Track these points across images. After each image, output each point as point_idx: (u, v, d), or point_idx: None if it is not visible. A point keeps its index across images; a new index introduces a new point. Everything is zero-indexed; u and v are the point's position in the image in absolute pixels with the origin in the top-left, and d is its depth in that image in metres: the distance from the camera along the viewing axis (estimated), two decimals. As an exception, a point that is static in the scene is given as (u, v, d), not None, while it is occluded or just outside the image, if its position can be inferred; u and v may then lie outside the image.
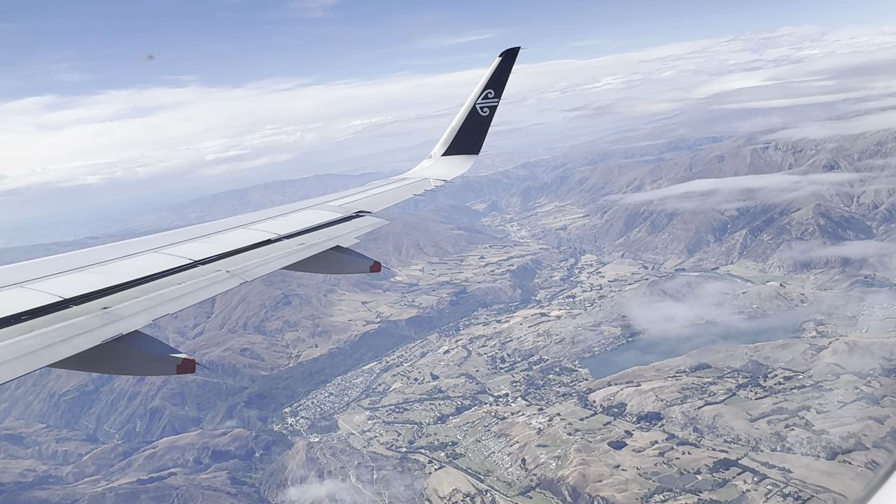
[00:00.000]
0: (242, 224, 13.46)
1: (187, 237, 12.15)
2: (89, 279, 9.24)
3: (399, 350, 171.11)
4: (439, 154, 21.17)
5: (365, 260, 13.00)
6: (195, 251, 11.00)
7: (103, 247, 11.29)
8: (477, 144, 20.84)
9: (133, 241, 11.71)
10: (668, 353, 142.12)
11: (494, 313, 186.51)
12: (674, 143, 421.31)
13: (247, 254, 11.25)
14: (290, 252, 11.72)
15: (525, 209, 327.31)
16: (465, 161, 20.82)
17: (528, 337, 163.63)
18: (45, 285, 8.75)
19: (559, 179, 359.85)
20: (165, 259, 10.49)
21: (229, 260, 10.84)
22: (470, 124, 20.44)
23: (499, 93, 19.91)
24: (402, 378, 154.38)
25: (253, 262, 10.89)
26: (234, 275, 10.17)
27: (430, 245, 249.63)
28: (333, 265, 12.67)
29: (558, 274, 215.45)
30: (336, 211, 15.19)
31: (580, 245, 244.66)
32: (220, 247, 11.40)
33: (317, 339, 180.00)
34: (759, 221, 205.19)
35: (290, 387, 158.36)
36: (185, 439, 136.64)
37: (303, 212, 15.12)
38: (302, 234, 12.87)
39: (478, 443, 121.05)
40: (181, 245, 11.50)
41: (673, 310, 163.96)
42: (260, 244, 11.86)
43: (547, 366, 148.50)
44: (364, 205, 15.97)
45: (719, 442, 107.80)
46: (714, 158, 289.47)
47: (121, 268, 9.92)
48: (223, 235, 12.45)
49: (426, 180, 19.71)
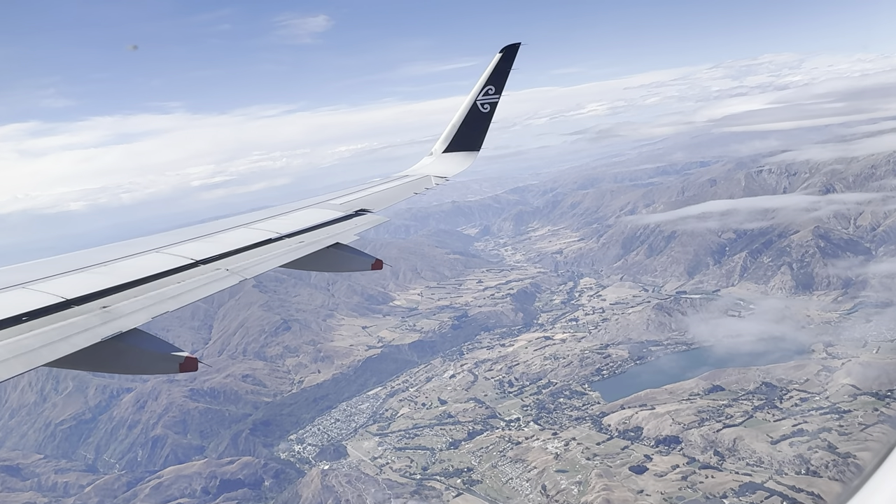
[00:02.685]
0: (244, 223, 13.36)
1: (188, 237, 12.08)
2: (91, 279, 9.20)
3: (403, 375, 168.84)
4: (440, 151, 20.94)
5: (366, 257, 12.87)
6: (196, 251, 10.96)
7: (105, 247, 11.25)
8: (478, 141, 20.63)
9: (134, 241, 11.67)
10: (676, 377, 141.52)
11: (497, 337, 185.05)
12: (662, 168, 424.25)
13: (248, 253, 11.20)
14: (290, 250, 11.68)
15: (518, 233, 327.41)
16: (466, 158, 20.65)
17: (534, 360, 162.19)
18: (46, 286, 8.70)
19: (550, 204, 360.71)
20: (166, 259, 10.47)
21: (230, 259, 10.79)
22: (471, 121, 20.24)
23: (499, 89, 19.76)
24: (410, 403, 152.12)
25: (253, 260, 10.86)
26: (233, 273, 10.11)
27: (427, 269, 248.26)
28: (334, 263, 12.64)
29: (558, 297, 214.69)
30: (337, 209, 15.10)
31: (577, 268, 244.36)
32: (222, 246, 11.34)
33: (319, 364, 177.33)
34: (758, 244, 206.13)
35: (294, 413, 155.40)
36: (191, 468, 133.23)
37: (304, 210, 15.05)
38: (303, 233, 12.82)
39: (494, 469, 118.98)
40: (182, 245, 11.43)
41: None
42: (261, 243, 11.79)
43: (556, 389, 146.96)
44: (365, 203, 15.92)
45: (742, 465, 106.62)
46: (706, 182, 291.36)
47: (122, 268, 9.88)
48: (224, 235, 12.35)
49: (427, 178, 19.46)
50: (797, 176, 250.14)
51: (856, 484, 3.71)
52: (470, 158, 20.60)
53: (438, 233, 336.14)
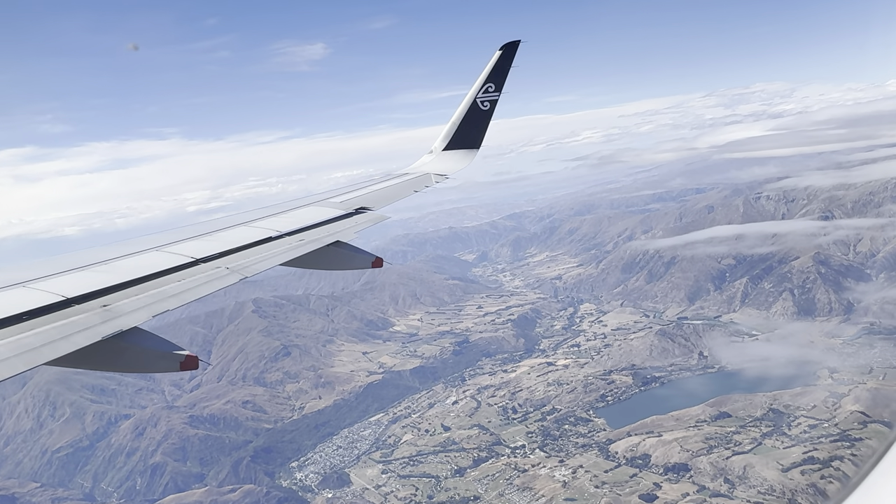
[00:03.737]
0: (244, 222, 13.33)
1: (188, 235, 12.07)
2: (91, 278, 9.20)
3: (405, 401, 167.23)
4: (440, 149, 20.86)
5: (366, 255, 12.76)
6: (196, 249, 10.93)
7: (105, 246, 11.28)
8: (478, 139, 20.57)
9: (135, 240, 11.65)
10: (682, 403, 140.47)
11: (499, 363, 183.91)
12: (659, 195, 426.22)
13: (248, 251, 11.19)
14: (290, 248, 11.62)
15: (516, 259, 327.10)
16: (466, 156, 20.57)
17: (538, 386, 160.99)
18: (47, 285, 8.70)
19: (548, 230, 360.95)
20: (167, 257, 10.46)
21: (230, 257, 10.77)
22: (471, 118, 20.22)
23: (499, 87, 19.71)
24: (412, 430, 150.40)
25: (254, 258, 10.83)
26: (233, 271, 10.07)
27: (427, 295, 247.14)
28: (335, 261, 12.54)
29: (559, 323, 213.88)
30: (337, 207, 15.07)
31: (577, 294, 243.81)
32: (222, 244, 11.31)
33: (320, 390, 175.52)
34: (759, 270, 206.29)
35: (296, 440, 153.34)
36: (191, 497, 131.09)
37: (304, 209, 14.99)
38: (303, 231, 12.78)
39: (501, 497, 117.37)
40: (182, 243, 11.42)
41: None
42: (261, 241, 11.79)
43: (561, 416, 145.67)
44: (366, 201, 15.92)
45: (753, 493, 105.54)
46: (704, 209, 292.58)
47: (122, 266, 9.89)
48: (224, 233, 12.30)
49: (427, 175, 19.39)
50: (795, 202, 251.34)
51: (854, 482, 3.66)
52: (470, 156, 20.60)
53: (436, 258, 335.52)
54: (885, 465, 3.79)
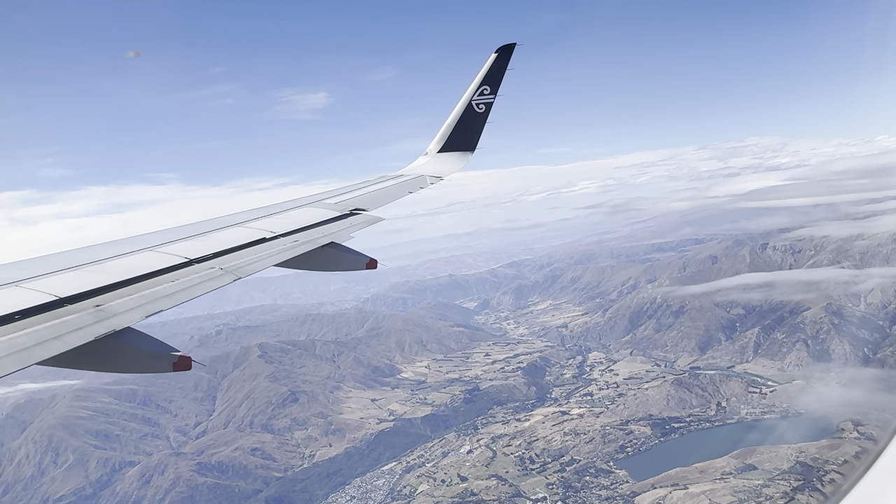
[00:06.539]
0: (238, 222, 13.25)
1: (182, 236, 11.97)
2: (84, 278, 9.10)
3: (418, 449, 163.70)
4: (435, 151, 20.82)
5: (360, 257, 12.68)
6: (190, 249, 10.87)
7: (98, 245, 11.21)
8: (473, 141, 20.52)
9: (128, 240, 11.61)
10: (705, 455, 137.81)
11: (511, 411, 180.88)
12: (658, 245, 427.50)
13: (242, 251, 11.17)
14: (284, 249, 11.61)
15: (519, 307, 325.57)
16: (460, 158, 20.57)
17: (554, 436, 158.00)
18: (39, 284, 8.57)
19: (549, 278, 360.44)
20: (160, 257, 10.41)
21: (224, 258, 10.74)
22: (466, 121, 20.19)
23: (494, 89, 19.71)
24: (428, 480, 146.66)
25: (247, 259, 10.81)
26: (227, 272, 10.02)
27: (433, 342, 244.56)
28: (329, 262, 12.49)
29: (569, 371, 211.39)
30: (332, 209, 15.06)
31: (585, 343, 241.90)
32: (215, 245, 11.27)
33: (330, 437, 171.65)
34: (770, 320, 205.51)
35: (307, 489, 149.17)
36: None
37: (299, 210, 14.91)
38: (298, 232, 12.77)
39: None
40: (176, 243, 11.35)
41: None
42: (255, 242, 11.74)
43: (581, 467, 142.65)
44: (360, 202, 15.94)
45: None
46: (707, 259, 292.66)
47: (115, 266, 9.80)
48: (218, 233, 12.23)
49: (422, 177, 19.38)
50: (802, 253, 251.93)
51: (853, 480, 3.65)
52: (465, 159, 20.57)
53: (438, 306, 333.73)
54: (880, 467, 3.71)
